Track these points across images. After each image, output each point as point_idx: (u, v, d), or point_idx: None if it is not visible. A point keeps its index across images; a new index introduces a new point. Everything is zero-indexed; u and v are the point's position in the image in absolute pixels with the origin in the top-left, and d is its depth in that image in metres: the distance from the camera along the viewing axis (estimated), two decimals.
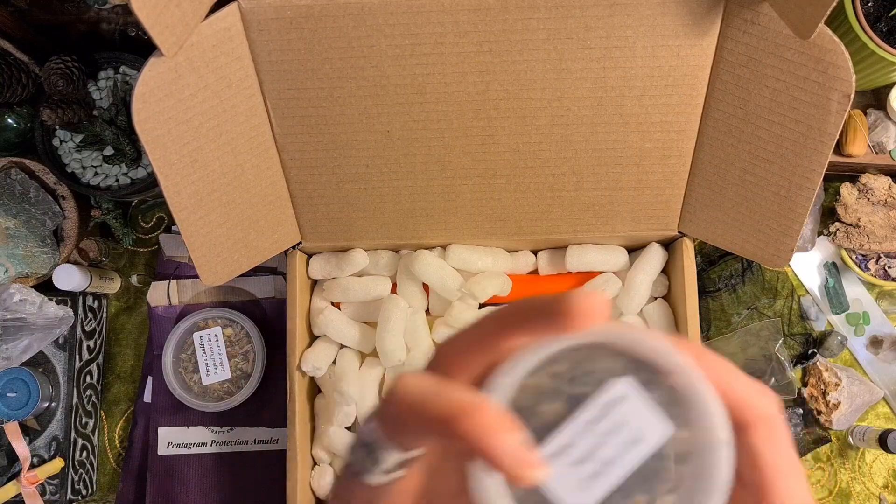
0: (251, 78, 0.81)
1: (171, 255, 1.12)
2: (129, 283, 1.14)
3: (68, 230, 1.07)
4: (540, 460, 0.28)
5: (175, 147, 0.78)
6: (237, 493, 1.09)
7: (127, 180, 1.04)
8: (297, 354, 0.98)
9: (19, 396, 1.04)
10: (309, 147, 0.87)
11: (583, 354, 0.30)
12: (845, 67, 0.72)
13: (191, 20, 0.72)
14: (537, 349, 0.29)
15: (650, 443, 0.29)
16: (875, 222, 1.04)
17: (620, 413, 0.29)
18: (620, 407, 0.29)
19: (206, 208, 0.85)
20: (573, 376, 0.30)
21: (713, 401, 0.29)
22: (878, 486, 1.08)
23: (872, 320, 1.09)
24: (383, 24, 0.77)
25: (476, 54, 0.79)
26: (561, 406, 0.30)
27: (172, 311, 1.11)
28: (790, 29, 0.72)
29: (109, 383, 1.13)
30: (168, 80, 0.74)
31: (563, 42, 0.78)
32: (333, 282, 1.01)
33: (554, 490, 0.29)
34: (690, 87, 0.81)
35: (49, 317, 1.02)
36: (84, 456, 1.08)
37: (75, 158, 1.04)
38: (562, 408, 0.30)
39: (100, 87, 1.04)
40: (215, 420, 1.09)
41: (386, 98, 0.83)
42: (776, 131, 0.79)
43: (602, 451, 0.29)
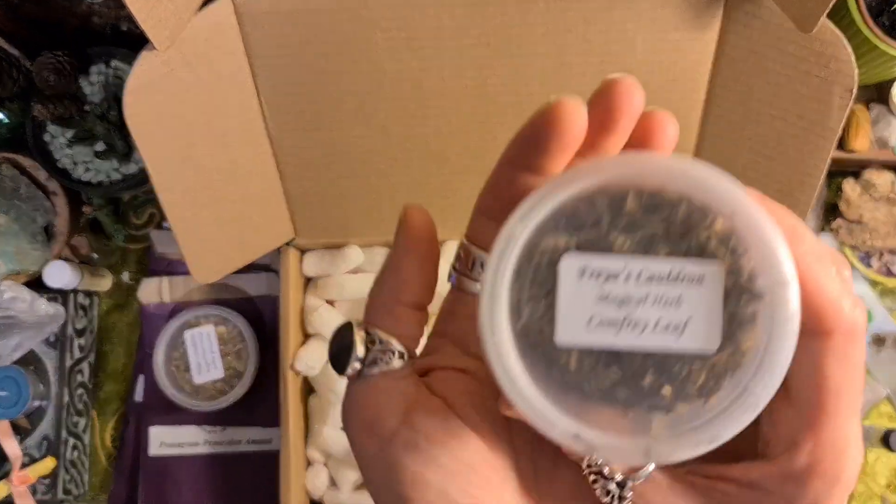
0: (245, 72, 0.80)
1: (163, 251, 1.11)
2: (120, 281, 1.13)
3: (59, 227, 1.06)
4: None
5: (167, 142, 0.77)
6: (230, 493, 1.08)
7: (118, 176, 1.03)
8: (290, 353, 0.98)
9: (10, 395, 1.03)
10: (303, 142, 0.86)
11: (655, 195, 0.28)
12: (848, 62, 0.72)
13: (184, 14, 0.71)
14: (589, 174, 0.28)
15: (685, 344, 0.27)
16: (878, 219, 1.03)
17: (686, 292, 0.27)
18: (690, 288, 0.27)
19: (198, 204, 0.84)
20: (656, 210, 0.28)
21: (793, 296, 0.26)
22: (880, 486, 1.07)
23: (875, 318, 1.08)
24: (379, 18, 0.76)
25: (474, 48, 0.78)
26: (628, 239, 0.28)
27: (164, 308, 1.10)
28: (792, 22, 0.72)
29: (101, 382, 1.12)
30: (160, 74, 0.73)
31: (562, 36, 0.78)
32: (328, 279, 1.00)
33: (563, 307, 0.28)
34: (691, 82, 0.81)
35: (40, 314, 1.01)
36: (75, 455, 1.07)
37: (66, 154, 1.03)
38: (628, 241, 0.28)
39: (91, 82, 1.02)
40: (208, 419, 1.08)
41: (382, 93, 0.82)
42: (778, 126, 0.79)
43: (637, 310, 0.27)
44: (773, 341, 0.26)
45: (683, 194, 0.27)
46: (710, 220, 0.27)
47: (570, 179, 0.28)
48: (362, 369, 0.34)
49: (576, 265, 0.28)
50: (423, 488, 0.31)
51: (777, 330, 0.26)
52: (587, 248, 0.28)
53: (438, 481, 0.31)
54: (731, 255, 0.27)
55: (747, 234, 0.27)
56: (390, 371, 0.34)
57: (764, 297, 0.27)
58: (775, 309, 0.26)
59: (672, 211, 0.27)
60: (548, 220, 0.28)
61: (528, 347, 0.28)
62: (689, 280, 0.27)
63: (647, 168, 0.28)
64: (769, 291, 0.27)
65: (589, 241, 0.28)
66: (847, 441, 0.29)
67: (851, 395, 0.29)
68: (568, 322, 0.28)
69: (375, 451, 0.33)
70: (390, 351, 0.34)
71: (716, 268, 0.27)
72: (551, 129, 0.29)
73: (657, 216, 0.27)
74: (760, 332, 0.27)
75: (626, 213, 0.28)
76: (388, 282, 0.35)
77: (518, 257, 0.28)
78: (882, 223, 1.03)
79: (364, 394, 0.34)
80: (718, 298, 0.27)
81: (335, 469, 0.99)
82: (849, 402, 0.29)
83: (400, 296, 0.35)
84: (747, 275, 0.27)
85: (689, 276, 0.27)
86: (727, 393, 0.28)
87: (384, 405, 0.34)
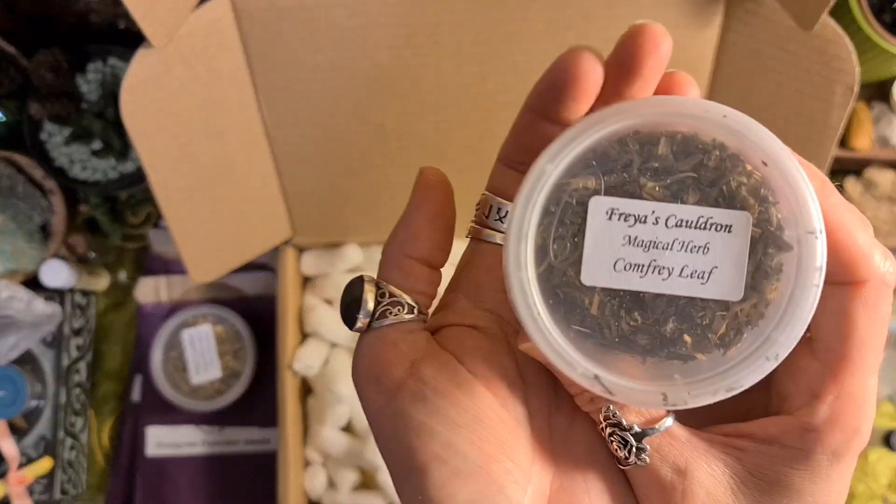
0: (242, 70, 0.79)
1: (160, 251, 1.11)
2: (117, 280, 1.13)
3: (56, 225, 1.06)
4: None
5: (164, 140, 0.77)
6: (228, 494, 1.08)
7: (115, 174, 1.03)
8: (288, 353, 0.97)
9: (7, 395, 1.03)
10: (301, 140, 0.86)
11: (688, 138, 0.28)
12: (849, 60, 0.71)
13: (181, 11, 0.71)
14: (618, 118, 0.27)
15: (710, 291, 0.27)
16: (879, 217, 1.03)
17: (714, 240, 0.27)
18: (718, 236, 0.27)
19: (195, 203, 0.83)
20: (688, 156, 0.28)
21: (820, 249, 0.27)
22: (882, 486, 1.07)
23: None
24: (377, 14, 0.76)
25: (472, 45, 0.78)
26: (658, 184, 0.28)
27: (161, 308, 1.10)
28: (793, 20, 0.71)
29: (98, 381, 1.12)
30: (157, 72, 0.73)
31: (561, 33, 0.77)
32: (326, 278, 1.00)
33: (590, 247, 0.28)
34: None
35: (37, 314, 1.01)
36: (73, 455, 1.07)
37: (63, 152, 1.02)
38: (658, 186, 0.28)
39: (88, 80, 1.02)
40: (205, 419, 1.08)
41: (380, 90, 0.81)
42: (779, 125, 0.78)
43: (664, 256, 0.27)
44: (798, 291, 0.27)
45: (717, 140, 0.27)
46: (743, 168, 0.27)
47: (603, 120, 0.28)
48: (371, 322, 0.34)
49: (604, 207, 0.28)
50: (428, 439, 0.31)
51: (803, 280, 0.27)
52: (616, 191, 0.28)
53: (444, 433, 0.31)
54: (761, 204, 0.27)
55: (779, 184, 0.27)
56: (399, 324, 0.34)
57: (791, 247, 0.27)
58: (802, 260, 0.27)
59: (705, 157, 0.27)
60: (578, 161, 0.28)
61: (552, 288, 0.28)
62: (718, 228, 0.27)
63: (681, 111, 0.27)
64: (798, 242, 0.27)
65: (619, 183, 0.28)
66: (867, 394, 0.29)
67: (876, 347, 0.29)
68: (594, 263, 0.28)
69: (383, 403, 0.33)
70: (399, 304, 0.34)
71: (744, 217, 0.27)
72: (567, 77, 0.29)
73: (689, 161, 0.27)
74: (785, 283, 0.27)
75: (657, 156, 0.28)
76: (399, 236, 0.36)
77: (547, 196, 0.28)
78: (884, 222, 1.03)
79: (372, 346, 0.34)
80: (745, 248, 0.27)
81: (334, 470, 0.98)
82: (873, 354, 0.29)
83: (410, 250, 0.35)
84: (776, 224, 0.27)
85: (717, 223, 0.27)
86: (748, 343, 0.28)
87: (392, 357, 0.33)
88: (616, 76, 0.29)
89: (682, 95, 0.31)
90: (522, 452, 0.32)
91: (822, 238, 0.26)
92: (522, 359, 0.34)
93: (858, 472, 1.07)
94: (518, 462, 0.32)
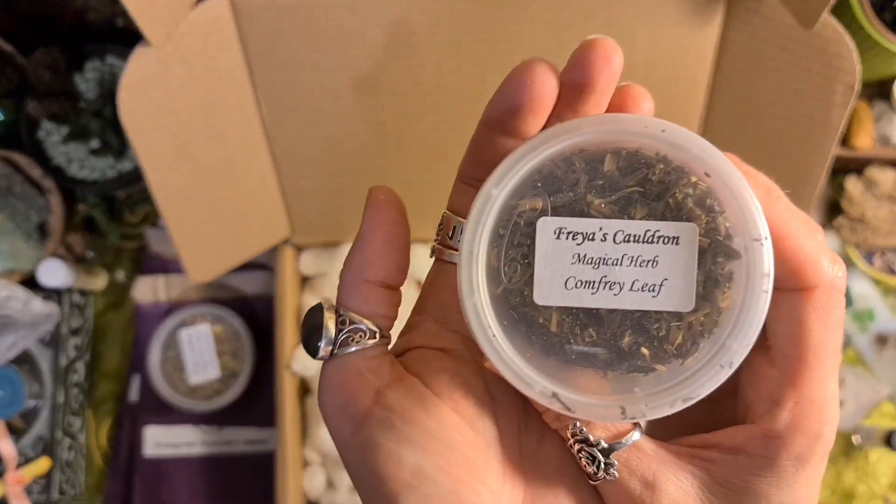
0: (241, 69, 0.79)
1: (158, 250, 1.11)
2: (115, 279, 1.12)
3: (54, 225, 1.05)
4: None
5: (162, 139, 0.77)
6: (226, 494, 1.08)
7: (113, 173, 1.03)
8: (287, 353, 0.97)
9: (5, 395, 1.03)
10: (300, 139, 0.86)
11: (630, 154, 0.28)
12: (850, 58, 0.71)
13: (179, 9, 0.71)
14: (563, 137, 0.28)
15: (662, 304, 0.28)
16: (880, 217, 1.03)
17: (662, 253, 0.28)
18: (666, 248, 0.28)
19: (193, 202, 0.83)
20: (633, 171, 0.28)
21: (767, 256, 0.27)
22: (882, 487, 1.07)
23: (878, 317, 1.08)
24: (377, 14, 0.76)
25: (472, 44, 0.78)
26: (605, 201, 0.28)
27: (160, 307, 1.09)
28: (794, 18, 0.71)
29: (96, 381, 1.12)
30: (156, 70, 0.73)
31: (560, 32, 0.77)
32: (325, 277, 1.00)
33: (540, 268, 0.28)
34: (692, 79, 0.80)
35: (35, 314, 1.00)
36: (71, 455, 1.07)
37: (61, 151, 1.02)
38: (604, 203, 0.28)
39: (86, 79, 1.02)
40: (204, 419, 1.08)
41: (379, 89, 0.81)
42: (779, 124, 0.78)
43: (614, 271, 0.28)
44: (749, 298, 0.27)
45: (661, 154, 0.28)
46: (688, 180, 0.28)
47: (547, 140, 0.28)
48: (334, 350, 0.34)
49: (552, 227, 0.28)
50: (397, 466, 0.31)
51: (752, 287, 0.27)
52: (564, 210, 0.28)
53: (414, 459, 0.31)
54: (707, 214, 0.28)
55: (723, 193, 0.27)
56: (362, 350, 0.34)
57: (740, 255, 0.28)
58: (751, 267, 0.27)
59: (649, 171, 0.28)
60: (524, 182, 0.29)
61: (508, 309, 0.29)
62: (665, 241, 0.28)
63: (624, 128, 0.28)
64: (745, 250, 0.27)
65: (566, 202, 0.28)
66: (827, 398, 0.30)
67: (831, 351, 0.29)
68: (545, 283, 0.29)
69: (350, 432, 0.33)
70: (361, 331, 0.34)
71: (691, 229, 0.28)
72: (521, 92, 0.30)
73: (634, 176, 0.28)
74: (736, 291, 0.28)
75: (603, 174, 0.28)
76: (356, 260, 0.35)
77: (495, 219, 0.29)
78: (884, 221, 1.03)
79: (336, 375, 0.34)
80: (693, 259, 0.28)
81: (332, 470, 0.98)
82: (830, 358, 0.29)
83: (367, 274, 0.35)
84: (724, 233, 0.28)
85: (664, 236, 0.28)
86: (705, 352, 0.28)
87: (357, 385, 0.33)
88: (570, 91, 0.30)
89: (636, 109, 0.31)
90: (492, 473, 0.32)
91: (768, 244, 0.27)
92: (491, 378, 0.34)
93: (859, 472, 1.07)
94: (488, 483, 0.32)
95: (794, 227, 0.29)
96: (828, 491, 1.07)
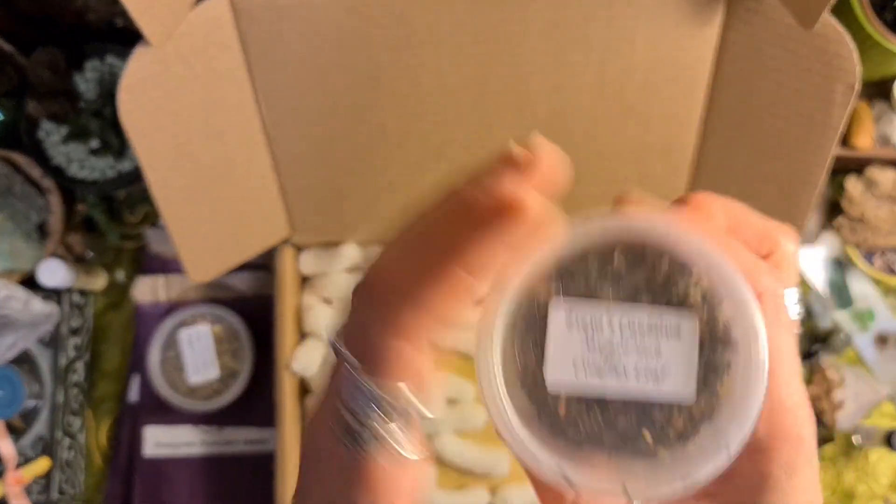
0: (241, 69, 0.79)
1: (158, 250, 1.11)
2: (115, 279, 1.13)
3: (53, 225, 1.05)
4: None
5: (162, 139, 0.77)
6: (226, 494, 1.08)
7: (113, 173, 1.03)
8: (286, 352, 0.97)
9: (4, 395, 1.03)
10: (300, 139, 0.86)
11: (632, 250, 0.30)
12: (850, 58, 0.72)
13: (179, 9, 0.71)
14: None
15: (664, 391, 0.30)
16: (880, 216, 1.03)
17: (665, 343, 0.29)
18: (669, 338, 0.29)
19: (193, 202, 0.83)
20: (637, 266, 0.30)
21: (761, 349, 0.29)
22: (882, 487, 1.07)
23: (878, 316, 1.08)
24: (377, 14, 0.76)
25: (472, 45, 0.78)
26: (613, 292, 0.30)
27: (159, 307, 1.09)
28: (794, 18, 0.72)
29: (96, 381, 1.12)
30: (155, 70, 0.73)
31: (561, 32, 0.77)
32: (324, 277, 1.00)
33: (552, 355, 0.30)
34: (692, 79, 0.81)
35: (34, 314, 1.01)
36: (70, 455, 1.07)
37: (61, 151, 1.03)
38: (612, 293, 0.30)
39: (86, 79, 1.02)
40: (203, 420, 1.08)
41: (380, 89, 0.81)
42: (779, 124, 0.79)
43: (620, 358, 0.30)
44: (747, 387, 0.29)
45: (665, 250, 0.30)
46: (689, 275, 0.30)
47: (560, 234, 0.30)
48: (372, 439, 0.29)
49: (564, 316, 0.30)
50: None
51: (750, 376, 0.29)
52: (575, 301, 0.30)
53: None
54: (707, 307, 0.30)
55: (721, 288, 0.29)
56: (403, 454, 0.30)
57: (737, 346, 0.29)
58: (748, 357, 0.29)
59: (655, 266, 0.30)
60: (539, 272, 0.30)
61: (521, 393, 0.31)
62: (667, 330, 0.30)
63: (632, 225, 0.30)
64: (742, 341, 0.29)
65: (577, 293, 0.30)
66: (796, 400, 0.30)
67: (787, 354, 0.30)
68: (556, 368, 0.30)
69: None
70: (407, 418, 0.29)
71: (691, 320, 0.30)
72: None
73: (641, 270, 0.30)
74: (734, 379, 0.30)
75: (612, 267, 0.30)
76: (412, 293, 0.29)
77: (511, 308, 0.30)
78: (884, 221, 1.03)
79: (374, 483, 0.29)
80: (694, 349, 0.30)
81: None
82: (788, 361, 0.30)
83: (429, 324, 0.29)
84: (722, 324, 0.30)
85: (666, 327, 0.30)
86: (704, 437, 0.30)
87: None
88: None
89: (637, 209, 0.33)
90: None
91: (764, 337, 0.29)
92: None
93: (859, 472, 1.07)
94: None
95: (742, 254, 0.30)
96: (828, 491, 1.07)
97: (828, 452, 1.08)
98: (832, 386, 1.05)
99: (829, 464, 1.08)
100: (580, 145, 0.86)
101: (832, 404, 1.04)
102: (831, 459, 1.08)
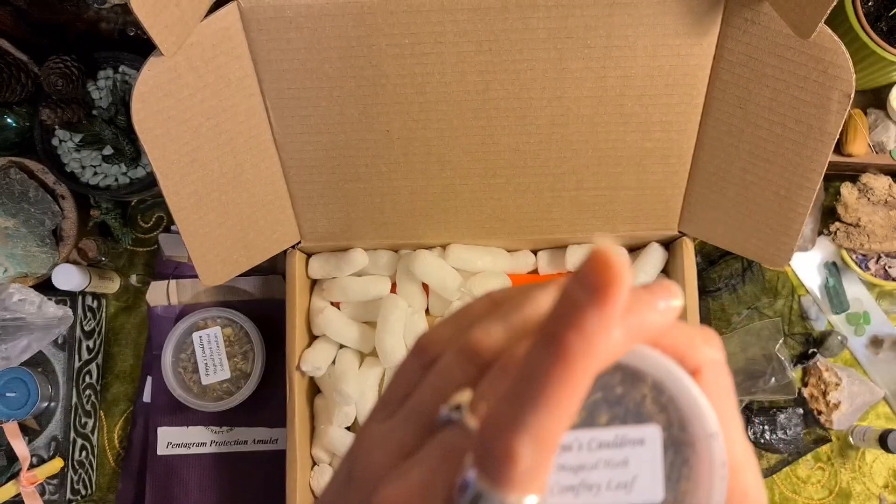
0: (250, 77, 0.81)
1: (170, 254, 1.12)
2: (128, 283, 1.14)
3: (67, 230, 1.07)
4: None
5: (174, 147, 0.78)
6: (237, 493, 1.09)
7: (126, 180, 1.04)
8: (296, 354, 0.98)
9: (18, 396, 1.04)
10: (308, 146, 0.87)
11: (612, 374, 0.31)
12: (845, 67, 0.72)
13: (190, 20, 0.72)
14: None
15: (636, 499, 0.30)
16: (875, 222, 1.03)
17: (630, 454, 0.30)
18: (633, 449, 0.30)
19: (205, 208, 0.85)
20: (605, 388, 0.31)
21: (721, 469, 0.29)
22: (878, 486, 1.08)
23: (873, 320, 1.09)
24: (383, 24, 0.77)
25: (476, 53, 0.79)
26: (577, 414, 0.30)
27: (172, 310, 1.11)
28: (790, 28, 0.72)
29: (109, 383, 1.13)
30: (167, 79, 0.74)
31: (562, 41, 0.78)
32: (333, 281, 1.01)
33: None
34: (690, 87, 0.81)
35: (48, 317, 1.01)
36: (83, 456, 1.08)
37: (74, 158, 1.04)
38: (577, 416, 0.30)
39: (99, 87, 1.03)
40: (215, 420, 1.09)
41: (385, 97, 0.83)
42: (776, 131, 0.79)
43: (591, 475, 0.30)
44: (709, 484, 0.29)
45: (618, 364, 0.30)
46: (643, 384, 0.30)
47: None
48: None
49: None
50: None
51: (711, 474, 0.29)
52: None
53: None
54: (664, 413, 0.30)
55: (675, 393, 0.30)
56: None
57: (695, 445, 0.30)
58: (707, 456, 0.29)
59: (610, 379, 0.30)
60: None
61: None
62: (632, 442, 0.30)
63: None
64: (700, 442, 0.30)
65: None
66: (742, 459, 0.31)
67: (730, 416, 0.30)
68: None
69: None
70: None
71: (653, 428, 0.30)
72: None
73: (597, 385, 0.30)
74: (696, 478, 0.30)
75: None
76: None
77: None
78: (879, 226, 1.04)
79: None
80: (658, 455, 0.30)
81: None
82: (731, 423, 0.30)
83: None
84: (679, 426, 0.30)
85: (631, 439, 0.30)
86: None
87: None
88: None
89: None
90: None
91: (721, 437, 0.29)
92: None
93: (855, 472, 1.08)
94: None
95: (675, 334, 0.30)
96: (824, 491, 1.08)
97: (824, 453, 1.09)
98: (828, 388, 1.06)
99: (825, 464, 1.09)
100: (580, 152, 0.87)
101: (828, 405, 1.05)
102: (828, 460, 1.09)
